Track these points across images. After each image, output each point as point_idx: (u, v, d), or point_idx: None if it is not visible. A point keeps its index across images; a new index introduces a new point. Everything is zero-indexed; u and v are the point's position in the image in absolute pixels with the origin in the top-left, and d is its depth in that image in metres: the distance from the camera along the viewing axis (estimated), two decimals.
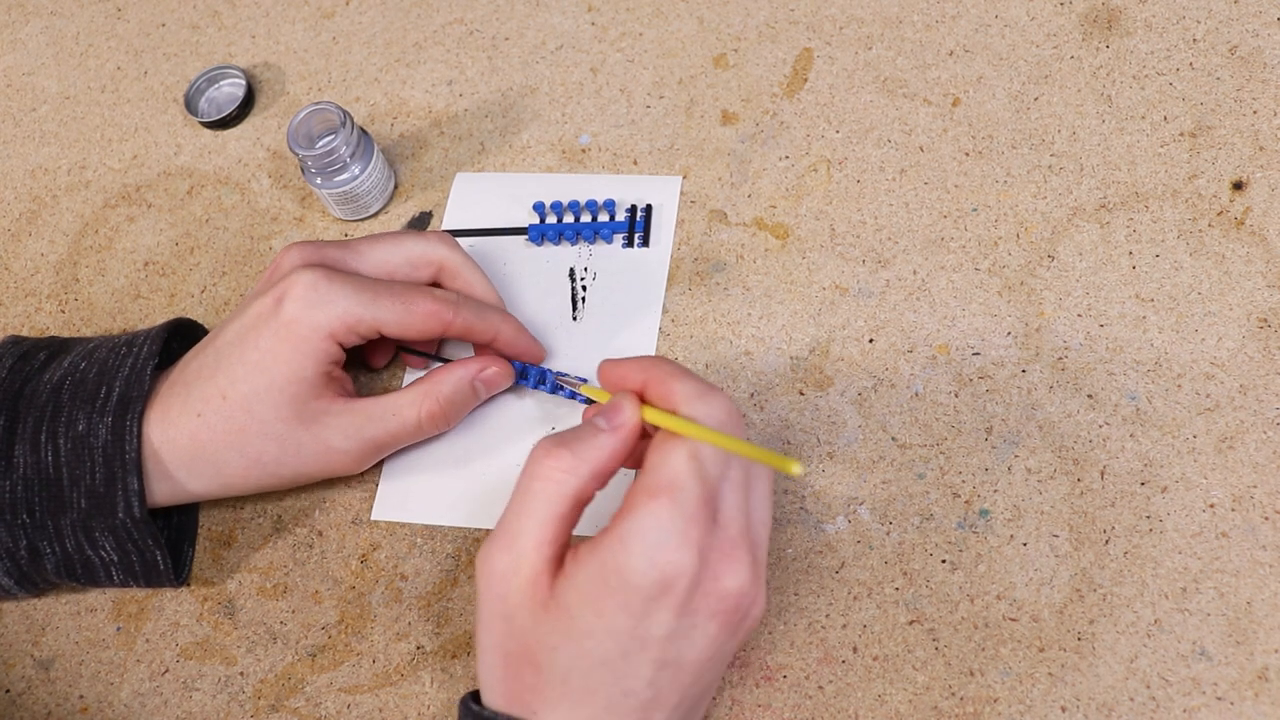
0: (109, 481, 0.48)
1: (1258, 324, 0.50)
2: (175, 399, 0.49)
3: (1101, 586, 0.46)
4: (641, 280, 0.56)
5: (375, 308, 0.49)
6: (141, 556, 0.50)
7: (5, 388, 0.51)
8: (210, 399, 0.49)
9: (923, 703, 0.46)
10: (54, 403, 0.50)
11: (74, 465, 0.49)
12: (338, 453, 0.50)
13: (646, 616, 0.39)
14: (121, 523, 0.49)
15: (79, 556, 0.50)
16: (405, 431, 0.51)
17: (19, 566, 0.50)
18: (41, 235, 0.65)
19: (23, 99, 0.71)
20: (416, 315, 0.50)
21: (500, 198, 0.60)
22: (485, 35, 0.66)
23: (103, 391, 0.50)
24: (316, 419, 0.49)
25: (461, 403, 0.52)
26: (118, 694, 0.52)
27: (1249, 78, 0.55)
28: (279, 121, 0.66)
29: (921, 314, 0.53)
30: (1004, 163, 0.56)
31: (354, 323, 0.49)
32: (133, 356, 0.51)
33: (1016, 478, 0.49)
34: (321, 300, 0.48)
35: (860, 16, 0.61)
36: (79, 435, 0.49)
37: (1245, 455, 0.48)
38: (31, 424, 0.50)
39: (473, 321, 0.51)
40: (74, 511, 0.49)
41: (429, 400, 0.51)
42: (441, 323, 0.50)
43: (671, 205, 0.58)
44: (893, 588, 0.48)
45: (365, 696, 0.50)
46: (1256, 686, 0.44)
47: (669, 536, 0.38)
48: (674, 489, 0.39)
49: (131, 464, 0.48)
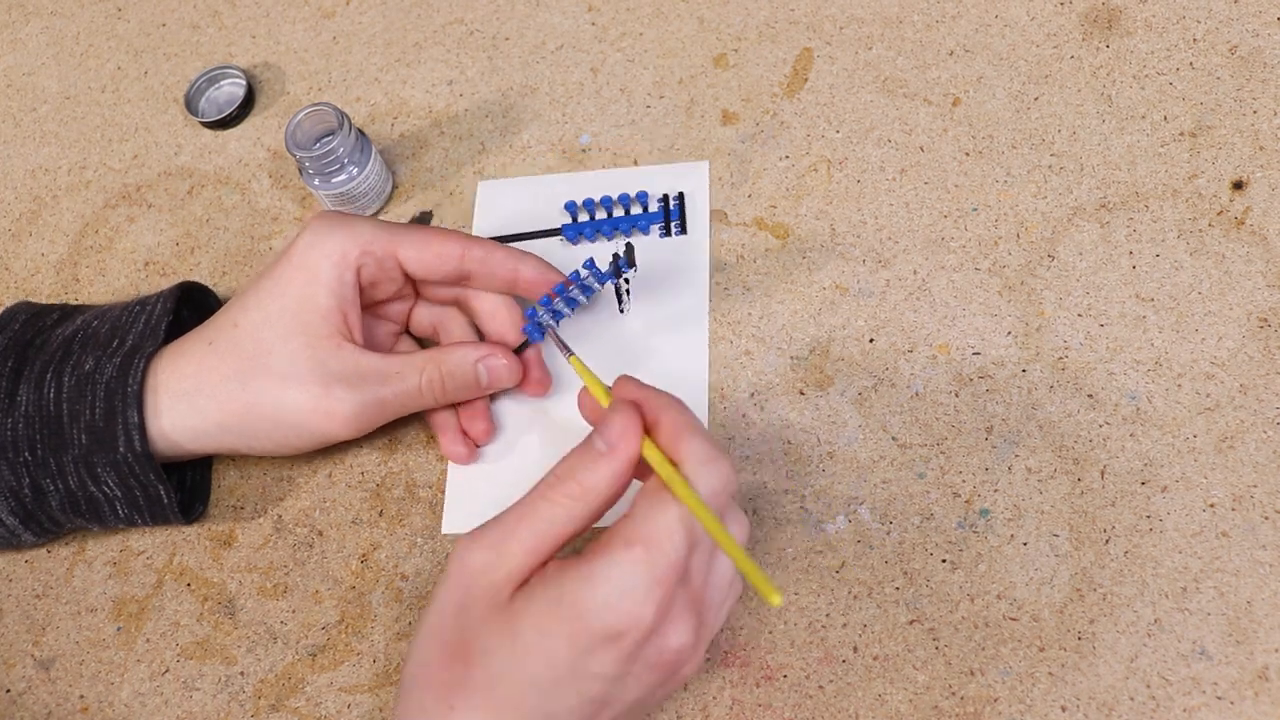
0: (109, 416, 0.49)
1: (1258, 324, 0.50)
2: (190, 336, 0.51)
3: (1102, 586, 0.46)
4: (684, 267, 0.56)
5: (392, 233, 0.50)
6: (145, 491, 0.50)
7: (17, 338, 0.52)
8: (223, 327, 0.50)
9: (923, 702, 0.46)
10: (64, 350, 0.51)
11: (74, 401, 0.49)
12: (336, 402, 0.49)
13: (589, 655, 0.39)
14: (123, 457, 0.49)
15: (82, 493, 0.50)
16: (405, 395, 0.50)
17: (24, 505, 0.51)
18: (41, 235, 0.65)
19: (23, 99, 0.71)
20: (434, 241, 0.50)
21: (527, 202, 0.60)
22: (485, 35, 0.66)
23: (114, 342, 0.51)
24: (322, 360, 0.49)
25: (463, 381, 0.51)
26: (118, 694, 0.52)
27: (1249, 78, 0.55)
28: (279, 121, 0.66)
29: (922, 314, 0.53)
30: (1004, 162, 0.56)
31: (368, 243, 0.49)
32: (146, 313, 0.52)
33: (1017, 477, 0.49)
34: (335, 228, 0.49)
35: (860, 16, 0.61)
36: (84, 373, 0.50)
37: (1245, 455, 0.48)
38: (39, 367, 0.51)
39: (490, 253, 0.51)
40: (75, 448, 0.49)
41: (431, 366, 0.50)
42: (460, 248, 0.51)
43: (703, 190, 0.58)
44: (893, 587, 0.48)
45: (365, 696, 0.50)
46: (1256, 686, 0.44)
47: (635, 590, 0.38)
48: (653, 545, 0.38)
49: (133, 398, 0.49)
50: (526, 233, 0.59)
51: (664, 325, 0.55)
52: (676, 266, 0.56)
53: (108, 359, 0.50)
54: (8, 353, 0.51)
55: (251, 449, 0.52)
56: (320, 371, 0.49)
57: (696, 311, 0.55)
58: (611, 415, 0.41)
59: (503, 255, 0.51)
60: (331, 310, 0.49)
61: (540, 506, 0.41)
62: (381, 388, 0.50)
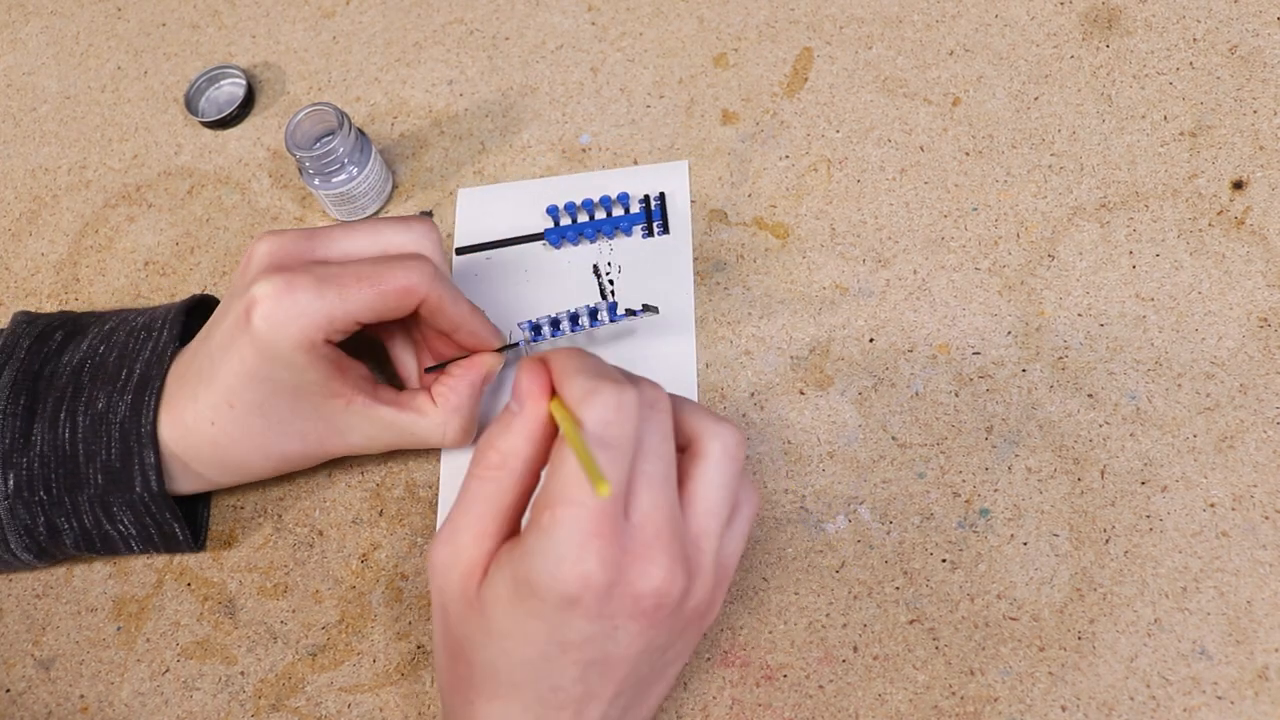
0: (125, 456, 0.49)
1: (1258, 323, 0.50)
2: (187, 401, 0.49)
3: (1102, 586, 0.46)
4: (668, 265, 0.56)
5: (345, 302, 0.46)
6: (160, 529, 0.51)
7: (25, 368, 0.51)
8: (219, 408, 0.48)
9: (923, 702, 0.46)
10: (74, 384, 0.50)
11: (90, 441, 0.49)
12: (358, 447, 0.51)
13: (560, 624, 0.38)
14: (139, 497, 0.49)
15: (97, 531, 0.50)
16: (427, 444, 0.51)
17: (38, 543, 0.51)
18: (41, 235, 0.65)
19: (23, 99, 0.71)
20: (390, 296, 0.47)
21: (507, 207, 0.60)
22: (485, 35, 0.66)
23: (123, 374, 0.50)
24: (333, 419, 0.49)
25: (478, 410, 0.52)
26: (118, 693, 0.52)
27: (1249, 77, 0.55)
28: (279, 121, 0.66)
29: (922, 313, 0.53)
30: (1004, 162, 0.56)
31: (326, 324, 0.46)
32: (152, 340, 0.51)
33: (1017, 477, 0.49)
34: (287, 314, 0.46)
35: (860, 16, 0.61)
36: (98, 413, 0.49)
37: (1245, 454, 0.48)
38: (51, 404, 0.50)
39: (445, 300, 0.48)
40: (91, 487, 0.49)
41: (456, 418, 0.51)
42: (416, 298, 0.47)
43: (683, 190, 0.58)
44: (893, 587, 0.48)
45: (366, 696, 0.50)
46: (1256, 686, 0.44)
47: (568, 550, 0.37)
48: (568, 502, 0.37)
49: (148, 438, 0.48)
50: (509, 239, 0.58)
51: (650, 325, 0.55)
52: (661, 266, 0.56)
53: (119, 395, 0.49)
54: (19, 388, 0.50)
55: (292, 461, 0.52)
56: (335, 425, 0.50)
57: (682, 310, 0.55)
58: (518, 375, 0.40)
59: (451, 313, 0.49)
60: (327, 377, 0.48)
61: (472, 486, 0.40)
62: (402, 442, 0.51)
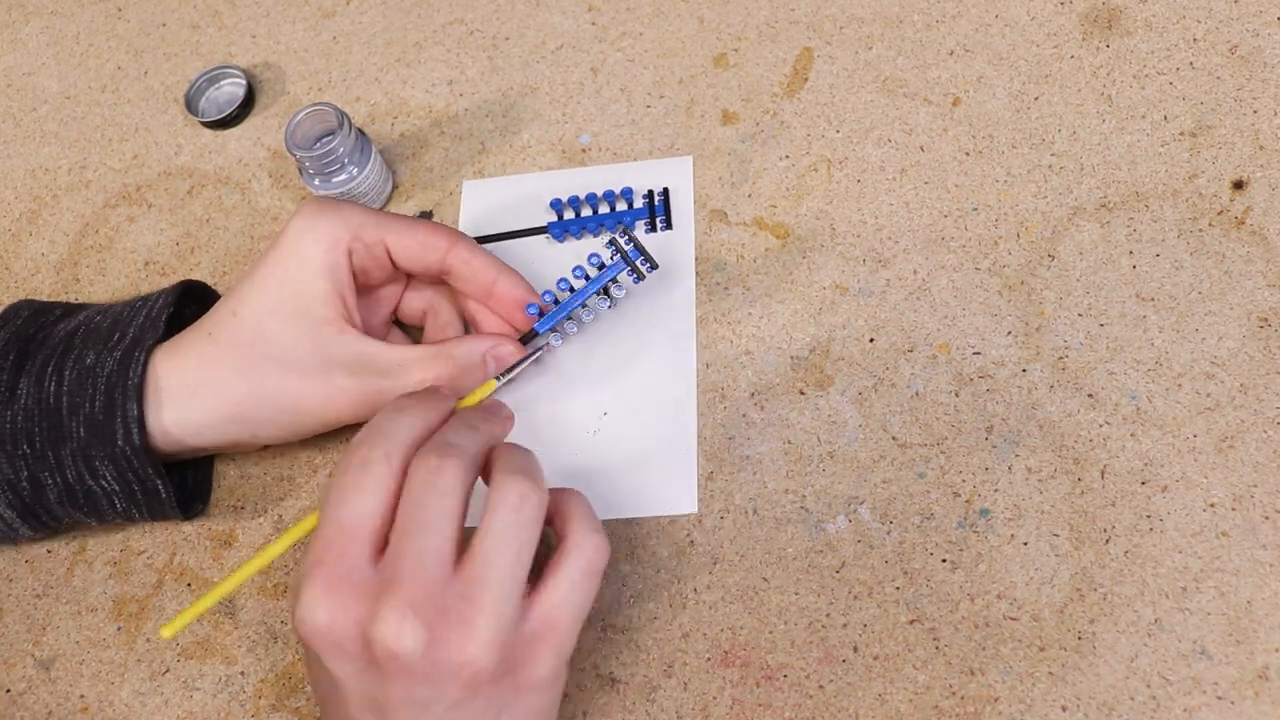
0: (108, 409, 0.49)
1: (1258, 323, 0.50)
2: (190, 330, 0.51)
3: (1102, 586, 0.46)
4: (670, 261, 0.56)
5: (380, 220, 0.50)
6: (143, 485, 0.50)
7: (19, 333, 0.52)
8: (221, 318, 0.50)
9: (923, 702, 0.46)
10: (66, 344, 0.51)
11: (75, 394, 0.49)
12: (339, 390, 0.50)
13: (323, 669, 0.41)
14: (121, 450, 0.49)
15: (80, 487, 0.50)
16: (407, 390, 0.50)
17: (21, 498, 0.50)
18: (41, 235, 0.65)
19: (23, 99, 0.71)
20: (421, 232, 0.51)
21: (512, 200, 0.60)
22: (485, 35, 0.66)
23: (115, 336, 0.51)
24: (324, 345, 0.49)
25: (471, 373, 0.51)
26: (118, 693, 0.52)
27: (1249, 77, 0.55)
28: (279, 121, 0.66)
29: (922, 313, 0.53)
30: (1004, 162, 0.56)
31: (358, 229, 0.49)
32: (148, 307, 0.52)
33: (1017, 477, 0.49)
34: (325, 213, 0.49)
35: (860, 16, 0.61)
36: (85, 368, 0.50)
37: (1245, 455, 0.48)
38: (40, 361, 0.51)
39: (474, 255, 0.51)
40: (74, 441, 0.49)
41: (440, 361, 0.50)
42: (447, 243, 0.51)
43: (687, 186, 0.58)
44: (893, 587, 0.48)
45: None
46: (1257, 686, 0.44)
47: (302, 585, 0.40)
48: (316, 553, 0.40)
49: (133, 390, 0.49)
50: (513, 231, 0.59)
51: (652, 319, 0.55)
52: (663, 261, 0.56)
53: (108, 353, 0.50)
54: (9, 347, 0.51)
55: (255, 438, 0.52)
56: (322, 357, 0.49)
57: (684, 304, 0.55)
58: None
59: (484, 262, 0.52)
60: (330, 295, 0.49)
61: None
62: (383, 379, 0.50)
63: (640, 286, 0.56)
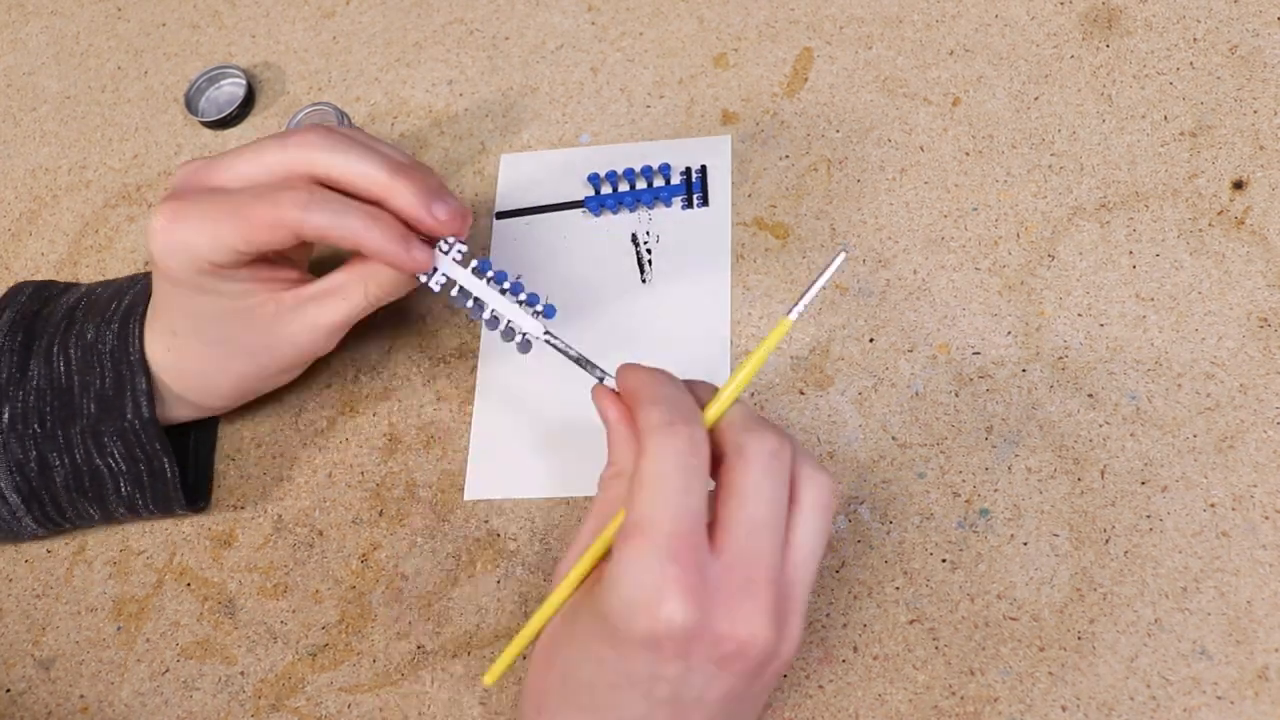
0: (118, 384, 0.50)
1: (1258, 323, 0.50)
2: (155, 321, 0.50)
3: (1102, 586, 0.46)
4: (706, 238, 0.57)
5: (218, 237, 0.45)
6: (149, 464, 0.51)
7: (24, 310, 0.53)
8: (165, 336, 0.50)
9: (923, 702, 0.46)
10: (68, 319, 0.52)
11: (85, 372, 0.50)
12: (305, 338, 0.49)
13: (634, 660, 0.37)
14: (130, 424, 0.50)
15: (88, 467, 0.51)
16: (358, 309, 0.49)
17: (29, 481, 0.51)
18: (41, 235, 0.65)
19: (23, 99, 0.71)
20: (260, 230, 0.44)
21: (549, 174, 0.60)
22: (485, 35, 0.66)
23: (112, 306, 0.52)
24: (270, 328, 0.49)
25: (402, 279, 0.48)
26: (118, 694, 0.52)
27: (1249, 77, 0.55)
28: (279, 121, 0.66)
29: (921, 313, 0.53)
30: (1004, 162, 0.56)
31: (209, 254, 0.45)
32: (145, 278, 0.53)
33: (1017, 477, 0.49)
34: (176, 244, 0.45)
35: (860, 16, 0.61)
36: (88, 344, 0.51)
37: (1245, 455, 0.48)
38: (46, 340, 0.52)
39: (329, 224, 0.44)
40: (84, 418, 0.50)
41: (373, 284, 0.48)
42: (290, 228, 0.44)
43: (725, 164, 0.58)
44: (893, 587, 0.48)
45: (365, 696, 0.50)
46: (1256, 686, 0.44)
47: (647, 578, 0.36)
48: (645, 527, 0.36)
49: (137, 364, 0.50)
50: (549, 204, 0.59)
51: (686, 295, 0.55)
52: (698, 238, 0.57)
53: (105, 325, 0.51)
54: (16, 326, 0.52)
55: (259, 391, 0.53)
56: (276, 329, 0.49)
57: (719, 281, 0.55)
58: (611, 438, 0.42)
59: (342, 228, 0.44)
60: (239, 294, 0.47)
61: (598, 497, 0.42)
62: (336, 315, 0.48)
63: (677, 261, 0.56)
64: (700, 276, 0.56)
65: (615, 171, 0.58)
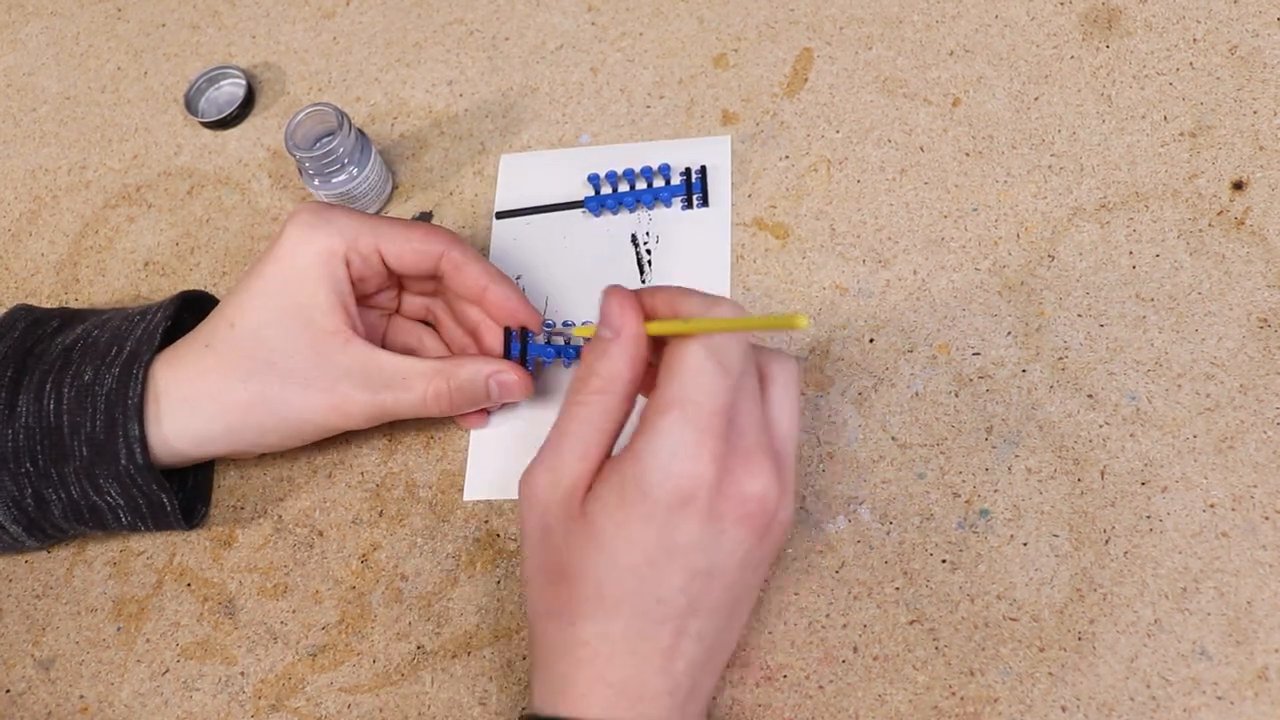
0: (109, 428, 0.49)
1: (1258, 324, 0.50)
2: (185, 341, 0.50)
3: (1102, 586, 0.46)
4: (706, 238, 0.57)
5: (374, 227, 0.50)
6: (148, 500, 0.50)
7: (16, 346, 0.52)
8: (219, 329, 0.49)
9: (923, 702, 0.46)
10: (64, 359, 0.51)
11: (75, 413, 0.49)
12: (342, 399, 0.49)
13: (670, 527, 0.40)
14: (124, 469, 0.49)
15: (85, 502, 0.50)
16: (409, 405, 0.50)
17: (26, 514, 0.51)
18: (41, 235, 0.65)
19: (23, 99, 0.71)
20: (415, 237, 0.50)
21: (549, 174, 0.60)
22: (485, 35, 0.66)
23: (113, 350, 0.50)
24: (328, 355, 0.49)
25: (472, 394, 0.50)
26: (118, 694, 0.52)
27: (1249, 78, 0.55)
28: (279, 121, 0.66)
29: (921, 314, 0.53)
30: (1004, 162, 0.56)
31: (353, 238, 0.49)
32: (146, 321, 0.51)
33: (1016, 477, 0.49)
34: (320, 222, 0.49)
35: (860, 16, 0.61)
36: (84, 384, 0.49)
37: (1245, 455, 0.48)
38: (38, 377, 0.50)
39: (467, 263, 0.51)
40: (76, 459, 0.49)
41: (440, 379, 0.50)
42: (440, 243, 0.51)
43: (725, 164, 0.58)
44: (893, 587, 0.48)
45: (365, 696, 0.50)
46: (1256, 686, 0.44)
47: (683, 449, 0.39)
48: (684, 401, 0.39)
49: (133, 410, 0.48)
50: (549, 205, 0.59)
51: None
52: (698, 238, 0.57)
53: (106, 368, 0.49)
54: (7, 361, 0.51)
55: (256, 447, 0.52)
56: (327, 367, 0.49)
57: (718, 281, 0.56)
58: (606, 301, 0.43)
59: (478, 270, 0.51)
60: (333, 305, 0.49)
61: (574, 411, 0.42)
62: (386, 393, 0.50)
63: (677, 261, 0.57)
64: (700, 277, 0.56)
65: (615, 172, 0.58)
